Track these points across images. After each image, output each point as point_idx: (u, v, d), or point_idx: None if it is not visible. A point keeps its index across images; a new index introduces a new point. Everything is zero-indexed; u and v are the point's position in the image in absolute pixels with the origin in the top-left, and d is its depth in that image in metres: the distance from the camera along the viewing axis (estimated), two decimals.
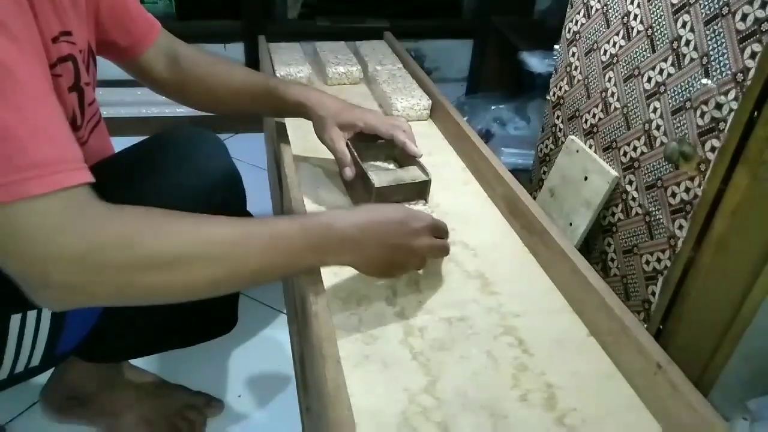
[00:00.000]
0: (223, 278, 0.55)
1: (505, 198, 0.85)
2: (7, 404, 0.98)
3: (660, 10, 0.73)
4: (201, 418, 0.98)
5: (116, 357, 0.94)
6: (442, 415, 0.56)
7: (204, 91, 0.89)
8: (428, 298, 0.70)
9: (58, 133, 0.49)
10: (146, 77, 0.87)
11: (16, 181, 0.45)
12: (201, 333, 0.93)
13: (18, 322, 0.66)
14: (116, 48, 0.81)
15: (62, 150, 0.49)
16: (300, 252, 0.58)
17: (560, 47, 0.95)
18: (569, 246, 0.72)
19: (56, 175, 0.47)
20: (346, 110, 0.87)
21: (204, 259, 0.53)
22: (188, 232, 0.52)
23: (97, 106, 0.75)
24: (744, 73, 0.61)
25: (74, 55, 0.64)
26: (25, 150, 0.46)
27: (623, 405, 0.59)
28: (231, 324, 0.95)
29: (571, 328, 0.67)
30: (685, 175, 0.70)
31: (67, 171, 0.48)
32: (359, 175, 0.82)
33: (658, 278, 0.75)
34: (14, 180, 0.45)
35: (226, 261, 0.54)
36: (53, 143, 0.48)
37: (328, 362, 0.55)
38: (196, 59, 0.88)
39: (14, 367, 0.70)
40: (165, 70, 0.86)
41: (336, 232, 0.60)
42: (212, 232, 0.54)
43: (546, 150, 1.03)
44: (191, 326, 0.90)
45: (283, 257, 0.57)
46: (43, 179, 0.47)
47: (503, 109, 1.69)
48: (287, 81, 1.05)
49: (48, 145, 0.48)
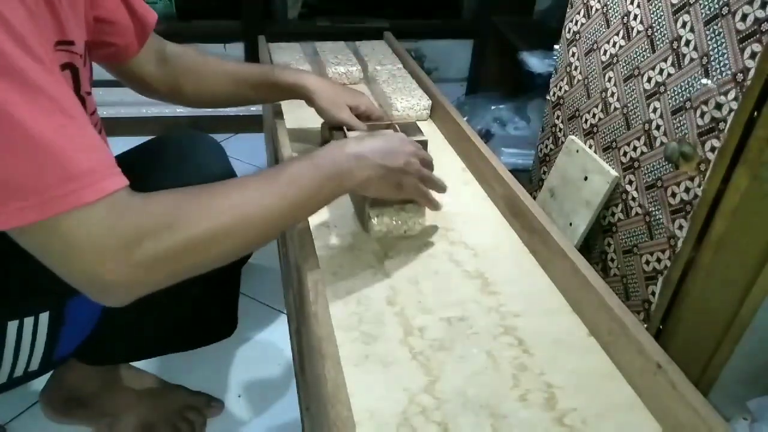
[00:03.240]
0: (262, 231, 0.59)
1: (505, 198, 0.85)
2: (7, 404, 0.98)
3: (660, 10, 0.73)
4: (201, 418, 0.98)
5: (116, 360, 0.94)
6: (441, 415, 0.56)
7: (198, 84, 0.88)
8: (428, 298, 0.70)
9: (95, 142, 0.51)
10: (137, 80, 0.86)
11: (70, 192, 0.47)
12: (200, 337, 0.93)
13: (15, 328, 0.67)
14: (108, 50, 0.80)
15: (101, 157, 0.51)
16: (319, 184, 0.62)
17: (560, 47, 0.95)
18: (569, 246, 0.72)
19: (102, 182, 0.49)
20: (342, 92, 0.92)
21: (241, 222, 0.56)
22: (220, 203, 0.55)
23: (98, 115, 0.75)
24: (744, 73, 0.61)
25: (74, 64, 0.64)
26: (75, 161, 0.48)
27: (623, 405, 0.59)
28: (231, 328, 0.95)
29: (571, 328, 0.67)
30: (685, 175, 0.70)
31: (109, 177, 0.50)
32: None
33: (658, 278, 0.75)
34: (67, 191, 0.47)
35: (260, 217, 0.57)
36: (93, 152, 0.50)
37: (327, 362, 0.55)
38: (184, 55, 0.88)
39: (13, 371, 0.70)
40: (156, 71, 0.85)
41: (344, 154, 0.65)
42: (241, 195, 0.57)
43: (546, 150, 1.03)
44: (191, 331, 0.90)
45: (305, 195, 0.61)
46: (93, 186, 0.48)
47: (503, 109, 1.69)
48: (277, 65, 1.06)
49: (90, 155, 0.49)
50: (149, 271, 0.51)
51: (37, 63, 0.47)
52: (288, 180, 0.60)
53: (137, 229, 0.50)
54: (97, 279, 0.50)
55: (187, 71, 0.87)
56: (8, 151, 0.45)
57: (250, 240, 0.58)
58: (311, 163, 0.63)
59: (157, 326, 0.85)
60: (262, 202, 0.58)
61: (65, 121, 0.48)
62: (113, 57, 0.81)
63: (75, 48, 0.63)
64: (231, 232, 0.55)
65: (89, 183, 0.48)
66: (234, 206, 0.56)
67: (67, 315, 0.71)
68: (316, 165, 0.62)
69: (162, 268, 0.52)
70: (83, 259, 0.49)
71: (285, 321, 1.18)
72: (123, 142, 0.82)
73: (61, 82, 0.50)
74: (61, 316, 0.71)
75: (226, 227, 0.55)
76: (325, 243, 0.77)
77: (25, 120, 0.45)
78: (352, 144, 0.67)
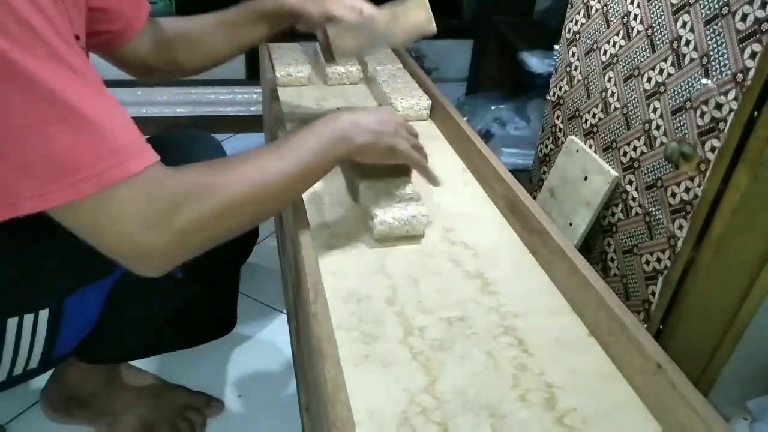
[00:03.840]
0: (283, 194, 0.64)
1: (505, 198, 0.85)
2: (7, 404, 0.98)
3: (660, 10, 0.73)
4: (201, 418, 0.98)
5: (116, 359, 0.94)
6: (441, 415, 0.56)
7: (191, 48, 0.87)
8: (428, 298, 0.70)
9: (129, 119, 0.54)
10: (135, 64, 0.85)
11: (117, 164, 0.50)
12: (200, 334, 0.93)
13: (15, 325, 0.67)
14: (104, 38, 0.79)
15: (137, 133, 0.54)
16: (323, 149, 0.66)
17: (560, 47, 0.95)
18: (569, 246, 0.72)
19: (143, 155, 0.52)
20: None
21: (265, 187, 0.60)
22: (246, 169, 0.60)
23: None
24: (744, 73, 0.61)
25: None
26: (116, 137, 0.50)
27: (623, 405, 0.59)
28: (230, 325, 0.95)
29: (571, 328, 0.67)
30: (685, 175, 0.70)
31: (147, 150, 0.53)
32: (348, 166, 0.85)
33: (658, 278, 0.75)
34: (115, 163, 0.50)
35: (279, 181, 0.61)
36: (131, 128, 0.53)
37: (327, 362, 0.55)
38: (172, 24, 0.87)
39: (12, 369, 0.70)
40: (152, 50, 0.85)
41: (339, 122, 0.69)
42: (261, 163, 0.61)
43: (546, 150, 1.03)
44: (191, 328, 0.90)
45: (314, 159, 0.65)
46: (137, 158, 0.51)
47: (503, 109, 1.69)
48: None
49: (128, 131, 0.52)
50: (188, 236, 0.55)
51: (73, 49, 0.50)
52: (296, 147, 0.64)
53: (176, 196, 0.53)
54: (140, 247, 0.53)
55: (178, 39, 0.86)
56: (64, 132, 0.48)
57: (274, 204, 0.64)
58: (312, 131, 0.66)
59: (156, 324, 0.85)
60: (280, 167, 0.62)
61: (104, 101, 0.51)
62: (108, 44, 0.81)
63: (81, 43, 0.63)
64: (259, 195, 0.60)
65: (132, 155, 0.51)
66: (258, 172, 0.60)
67: (67, 312, 0.71)
68: (318, 132, 0.66)
69: (199, 232, 0.56)
70: (128, 228, 0.51)
71: (285, 321, 1.18)
72: None
73: (93, 67, 0.53)
74: (61, 313, 0.71)
75: (255, 191, 0.59)
76: (325, 242, 0.77)
77: (76, 101, 0.48)
78: (346, 114, 0.71)
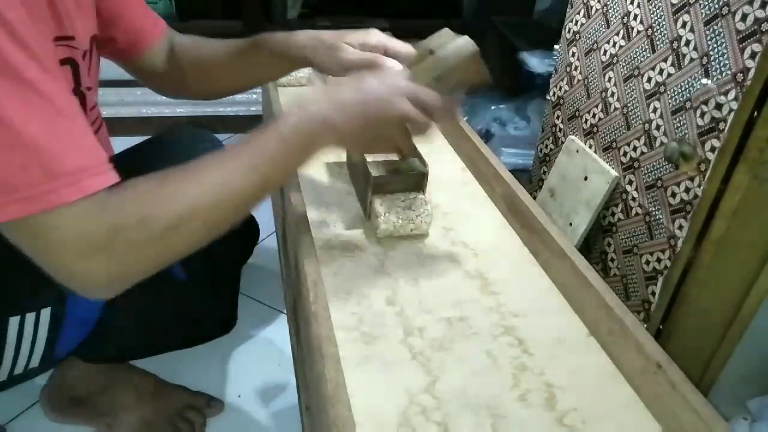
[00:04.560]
0: (233, 210, 0.59)
1: (505, 198, 0.85)
2: (7, 404, 0.98)
3: (660, 10, 0.73)
4: (201, 418, 0.98)
5: (116, 358, 0.94)
6: (441, 415, 0.56)
7: (198, 71, 0.86)
8: (428, 298, 0.70)
9: (84, 141, 0.52)
10: (147, 75, 0.86)
11: (51, 190, 0.48)
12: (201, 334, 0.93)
13: (16, 324, 0.67)
14: (117, 45, 0.80)
15: (90, 156, 0.51)
16: (284, 157, 0.60)
17: (560, 47, 0.95)
18: (569, 246, 0.72)
19: (85, 182, 0.50)
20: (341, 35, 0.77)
21: (211, 205, 0.56)
22: (189, 188, 0.55)
23: (98, 110, 0.75)
24: (744, 73, 0.61)
25: (74, 59, 0.64)
26: (59, 160, 0.49)
27: (623, 405, 0.59)
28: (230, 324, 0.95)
29: (571, 328, 0.67)
30: (685, 175, 0.70)
31: (94, 176, 0.51)
32: (360, 165, 0.82)
33: (658, 278, 0.75)
34: (49, 189, 0.48)
35: (229, 197, 0.57)
36: (80, 151, 0.51)
37: (328, 362, 0.55)
38: (187, 45, 0.86)
39: (13, 368, 0.70)
40: (164, 65, 0.85)
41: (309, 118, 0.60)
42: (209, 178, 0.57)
43: (546, 150, 1.03)
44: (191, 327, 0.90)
45: (272, 169, 0.59)
46: (75, 186, 0.49)
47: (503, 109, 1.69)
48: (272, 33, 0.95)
49: (76, 154, 0.50)
50: (128, 265, 0.53)
51: (32, 60, 0.48)
52: (253, 157, 0.59)
53: (113, 226, 0.51)
54: (77, 275, 0.51)
55: (190, 65, 0.85)
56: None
57: (222, 220, 0.58)
58: (276, 134, 0.60)
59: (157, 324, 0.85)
60: (230, 183, 0.57)
61: (55, 119, 0.49)
62: (120, 53, 0.82)
63: (75, 43, 0.63)
64: (201, 216, 0.55)
65: (71, 182, 0.49)
66: (202, 190, 0.56)
67: (69, 311, 0.71)
68: (281, 137, 0.60)
69: (140, 260, 0.54)
70: (64, 256, 0.50)
71: (285, 321, 1.18)
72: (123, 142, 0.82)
73: (57, 79, 0.51)
74: (63, 312, 0.71)
75: (197, 212, 0.55)
76: (325, 243, 0.77)
77: (13, 117, 0.46)
78: (319, 103, 0.61)
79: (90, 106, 0.70)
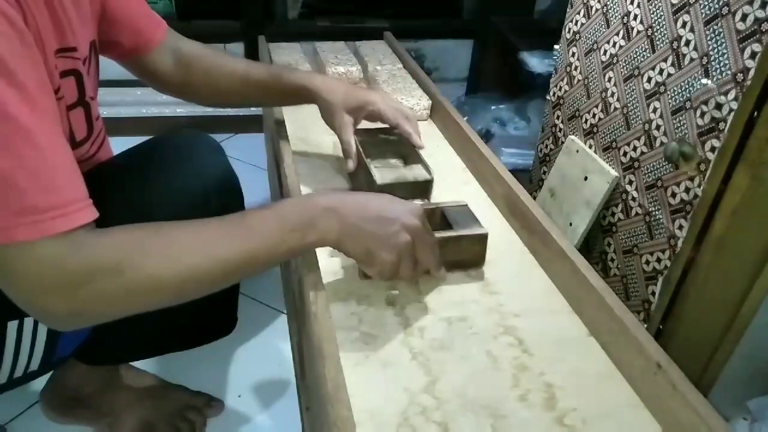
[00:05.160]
0: (211, 281, 0.57)
1: (505, 198, 0.85)
2: (7, 404, 0.98)
3: (660, 10, 0.73)
4: (201, 418, 0.98)
5: (116, 360, 0.94)
6: (441, 415, 0.56)
7: (208, 85, 0.88)
8: (428, 298, 0.70)
9: (61, 177, 0.51)
10: (151, 76, 0.86)
11: (11, 226, 0.48)
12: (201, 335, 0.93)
13: (15, 328, 0.66)
14: (121, 48, 0.81)
15: (62, 194, 0.51)
16: (280, 236, 0.58)
17: (560, 47, 0.95)
18: (569, 246, 0.72)
19: (52, 222, 0.49)
20: (353, 93, 0.87)
21: (189, 273, 0.55)
22: (171, 250, 0.54)
23: (102, 122, 0.75)
24: (744, 73, 0.61)
25: (77, 70, 0.63)
26: (23, 196, 0.48)
27: (623, 405, 0.59)
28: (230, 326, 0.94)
29: (571, 328, 0.67)
30: (685, 175, 0.70)
31: (66, 215, 0.50)
32: (363, 170, 0.82)
33: (658, 278, 0.75)
34: (10, 225, 0.48)
35: (208, 268, 0.56)
36: (53, 189, 0.50)
37: (328, 362, 0.55)
38: (198, 54, 0.87)
39: (13, 371, 0.70)
40: (170, 68, 0.86)
41: (313, 204, 0.61)
42: (195, 244, 0.55)
43: (546, 150, 1.03)
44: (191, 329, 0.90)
45: (263, 247, 0.58)
46: (38, 225, 0.49)
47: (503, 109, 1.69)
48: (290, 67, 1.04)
49: (48, 193, 0.50)
50: (91, 309, 0.53)
51: (17, 90, 0.47)
52: (247, 230, 0.58)
53: (84, 269, 0.50)
54: (35, 308, 0.52)
55: (199, 74, 0.87)
56: None
57: (197, 289, 0.57)
58: (275, 213, 0.59)
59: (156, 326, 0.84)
60: (214, 252, 0.55)
61: (32, 154, 0.48)
62: (123, 55, 0.82)
63: (77, 54, 0.63)
64: (176, 281, 0.54)
65: (34, 221, 0.48)
66: (184, 255, 0.54)
67: None
68: (281, 216, 0.59)
69: (104, 307, 0.53)
70: (26, 289, 0.50)
71: (285, 321, 1.17)
72: (123, 142, 0.82)
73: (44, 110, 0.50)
74: None
75: (173, 276, 0.54)
76: None
77: None
78: (327, 195, 0.62)
79: (95, 116, 0.71)
